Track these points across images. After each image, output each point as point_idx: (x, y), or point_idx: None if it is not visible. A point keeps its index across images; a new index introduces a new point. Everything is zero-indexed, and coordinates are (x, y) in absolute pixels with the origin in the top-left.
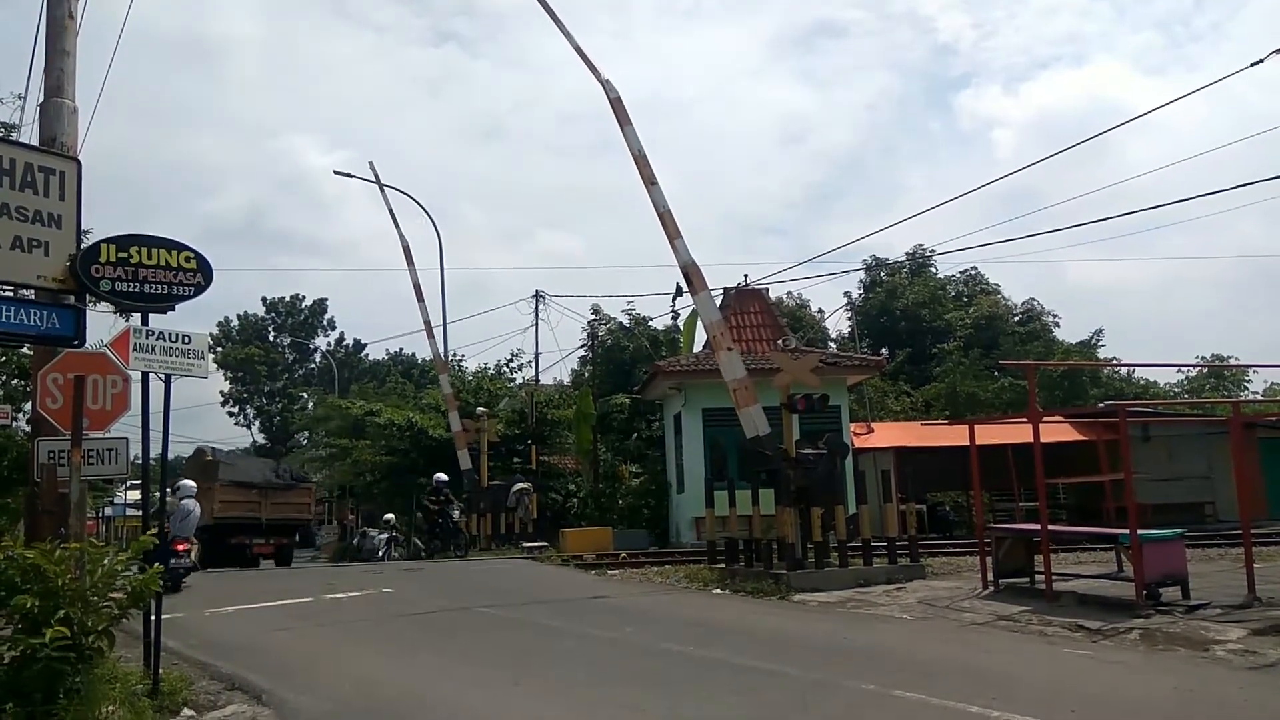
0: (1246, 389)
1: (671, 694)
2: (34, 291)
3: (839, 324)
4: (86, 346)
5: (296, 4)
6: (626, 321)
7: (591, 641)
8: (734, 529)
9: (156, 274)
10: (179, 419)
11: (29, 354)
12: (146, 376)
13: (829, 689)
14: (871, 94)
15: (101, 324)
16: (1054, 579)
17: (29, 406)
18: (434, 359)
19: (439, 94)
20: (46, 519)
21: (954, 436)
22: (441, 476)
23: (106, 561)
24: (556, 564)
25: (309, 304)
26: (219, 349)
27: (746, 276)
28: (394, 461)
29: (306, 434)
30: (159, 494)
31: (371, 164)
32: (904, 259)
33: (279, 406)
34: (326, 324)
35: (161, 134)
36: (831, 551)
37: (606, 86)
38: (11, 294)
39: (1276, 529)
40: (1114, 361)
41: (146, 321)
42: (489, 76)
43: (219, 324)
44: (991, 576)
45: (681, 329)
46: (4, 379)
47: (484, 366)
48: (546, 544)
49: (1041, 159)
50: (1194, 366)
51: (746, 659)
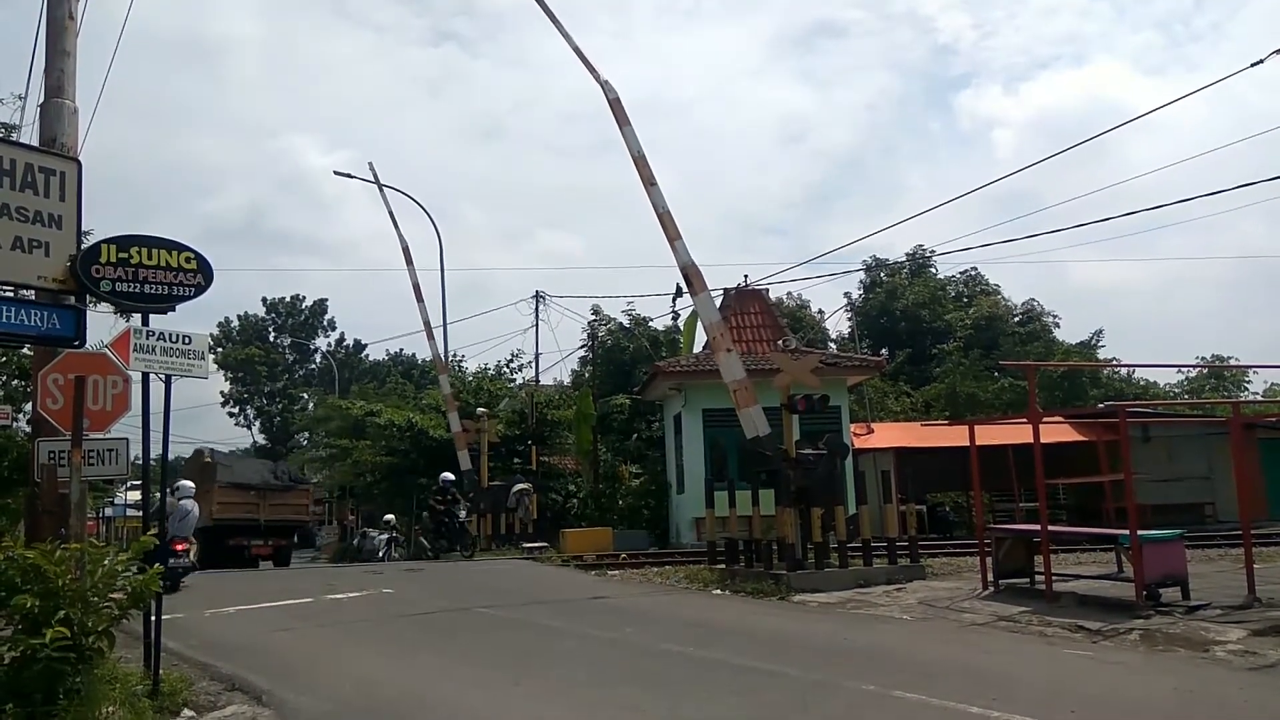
0: (1246, 389)
1: (672, 694)
2: (34, 292)
3: (839, 324)
4: (87, 347)
5: (296, 4)
6: (627, 322)
7: (592, 642)
8: (734, 529)
9: (157, 274)
10: (179, 419)
11: (29, 354)
12: (147, 377)
13: (829, 689)
14: (871, 94)
15: (102, 324)
16: (1054, 579)
17: (29, 407)
18: (434, 360)
19: (439, 94)
20: (47, 519)
21: (954, 437)
22: (448, 476)
23: (107, 562)
24: (556, 564)
25: (309, 304)
26: (219, 349)
27: (746, 277)
28: (394, 462)
29: (307, 434)
30: (159, 494)
31: (371, 165)
32: (904, 259)
33: (279, 407)
34: (327, 324)
35: (161, 134)
36: (831, 552)
37: (605, 87)
38: (12, 294)
39: (1276, 529)
40: (1114, 362)
41: (147, 322)
42: (489, 76)
43: (219, 324)
44: (991, 577)
45: (682, 329)
46: (4, 379)
47: (484, 367)
48: (546, 544)
49: (1042, 159)
50: (1194, 367)
51: (746, 659)
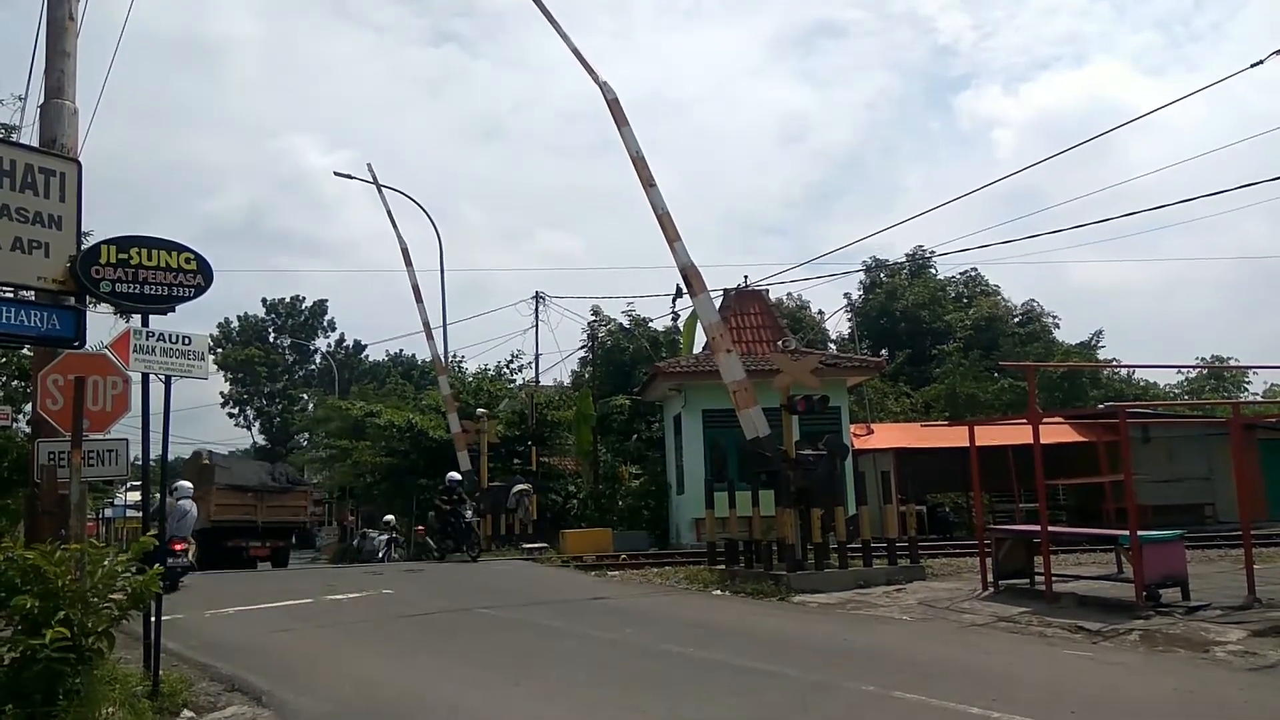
0: (1246, 390)
1: (671, 695)
2: (34, 293)
3: (839, 325)
4: (87, 348)
5: (296, 4)
6: (626, 323)
7: (592, 642)
8: (734, 530)
9: (157, 275)
10: (179, 420)
11: (29, 355)
12: (146, 378)
13: (829, 690)
14: (871, 94)
15: (102, 325)
16: (1054, 580)
17: (29, 408)
18: (433, 360)
19: (439, 94)
20: (47, 520)
21: (954, 438)
22: (455, 475)
23: (107, 563)
24: (556, 565)
25: (309, 305)
26: (219, 350)
27: (746, 277)
28: (394, 463)
29: (307, 435)
30: (159, 495)
31: (370, 166)
32: (904, 260)
33: (279, 408)
34: (326, 325)
35: (161, 134)
36: (831, 553)
37: (604, 88)
38: (12, 295)
39: (1276, 530)
40: (1114, 362)
41: (147, 323)
42: (489, 76)
43: (219, 325)
44: (991, 578)
45: (681, 330)
46: (4, 380)
47: (484, 368)
48: (546, 545)
49: (1042, 159)
50: (1194, 368)
51: (746, 660)
